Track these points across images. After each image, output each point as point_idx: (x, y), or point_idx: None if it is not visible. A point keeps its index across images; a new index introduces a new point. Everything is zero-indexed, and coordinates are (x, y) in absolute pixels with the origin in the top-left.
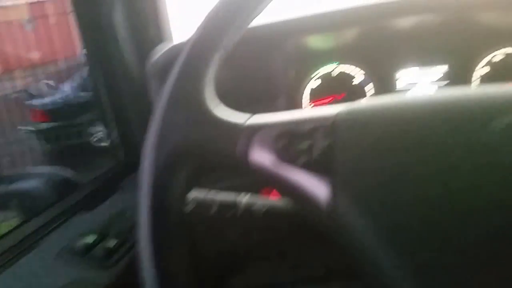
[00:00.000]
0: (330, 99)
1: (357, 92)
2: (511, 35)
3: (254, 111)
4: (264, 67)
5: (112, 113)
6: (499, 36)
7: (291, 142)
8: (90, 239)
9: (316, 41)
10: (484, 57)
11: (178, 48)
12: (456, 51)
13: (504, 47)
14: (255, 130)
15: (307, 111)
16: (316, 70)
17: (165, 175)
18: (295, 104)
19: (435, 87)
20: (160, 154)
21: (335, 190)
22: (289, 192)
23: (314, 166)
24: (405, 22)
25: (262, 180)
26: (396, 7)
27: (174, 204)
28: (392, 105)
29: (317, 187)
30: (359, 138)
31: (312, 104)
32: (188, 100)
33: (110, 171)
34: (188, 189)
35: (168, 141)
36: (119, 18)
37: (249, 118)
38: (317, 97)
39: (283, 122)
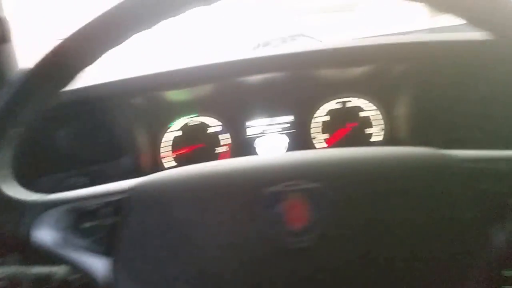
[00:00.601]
0: (190, 148)
1: (214, 142)
2: (343, 87)
3: (96, 173)
4: (108, 126)
5: None
6: (334, 88)
7: (78, 220)
8: None
9: (174, 95)
10: (321, 106)
11: None
12: (299, 103)
13: (339, 98)
14: (40, 208)
15: (97, 188)
16: (173, 122)
17: None
18: (150, 158)
19: (283, 136)
20: None
21: (115, 270)
22: (73, 271)
23: (98, 246)
24: (255, 78)
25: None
26: (246, 65)
27: None
28: (175, 180)
29: (97, 268)
30: (144, 216)
31: (174, 155)
32: None
33: None
34: None
35: None
36: None
37: (44, 196)
38: (179, 147)
39: (70, 199)
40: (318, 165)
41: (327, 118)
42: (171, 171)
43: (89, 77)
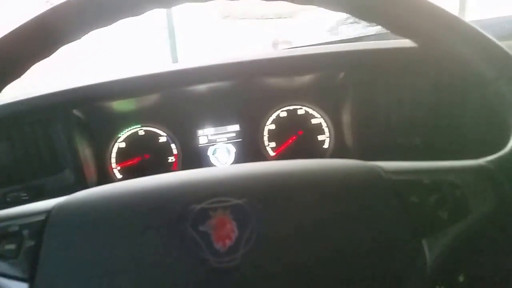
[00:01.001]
0: (135, 160)
1: (161, 152)
2: (290, 95)
3: (36, 188)
4: (49, 138)
5: None
6: (280, 97)
7: None
8: None
9: (119, 105)
10: (270, 115)
11: None
12: (246, 112)
13: (285, 106)
14: None
15: (15, 209)
16: (119, 133)
17: None
18: (94, 171)
19: (231, 145)
20: None
21: None
22: None
23: (16, 270)
24: (201, 87)
25: None
26: (192, 75)
27: None
28: (96, 199)
29: None
30: (64, 239)
31: (119, 167)
32: None
33: None
34: None
35: None
36: None
37: None
38: (124, 159)
39: None
40: (245, 180)
41: (274, 126)
42: (93, 189)
43: (23, 89)
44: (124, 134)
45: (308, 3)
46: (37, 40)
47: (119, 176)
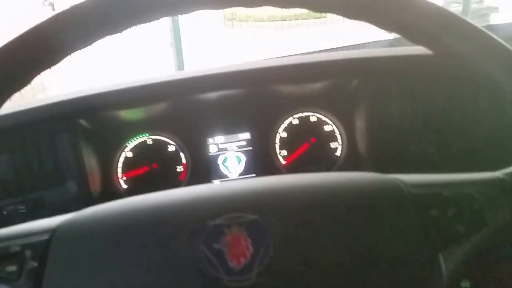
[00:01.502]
0: (142, 170)
1: (169, 162)
2: (302, 102)
3: (37, 201)
4: (52, 149)
5: None
6: (292, 104)
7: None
8: None
9: (126, 114)
10: (282, 123)
11: None
12: (256, 119)
13: (297, 113)
14: None
15: (18, 227)
16: (126, 142)
17: None
18: (99, 183)
19: (242, 153)
20: None
21: None
22: None
23: None
24: (211, 95)
25: None
26: (202, 83)
27: None
28: (104, 217)
29: None
30: (68, 260)
31: (125, 177)
32: None
33: None
34: None
35: None
36: None
37: None
38: (131, 168)
39: None
40: (260, 195)
41: (286, 134)
42: (100, 206)
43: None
44: (132, 143)
45: (326, 11)
46: (43, 48)
47: (124, 186)
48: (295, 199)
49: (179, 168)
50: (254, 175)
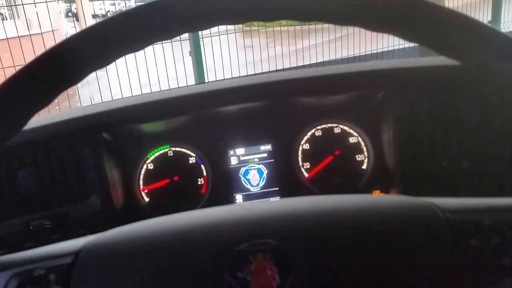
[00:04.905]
0: (163, 182)
1: (190, 174)
2: (325, 113)
3: (62, 215)
4: (75, 163)
5: None
6: (315, 115)
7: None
8: None
9: (146, 126)
10: (305, 134)
11: None
12: (278, 131)
13: (320, 124)
14: None
15: (41, 249)
16: (148, 155)
17: None
18: (122, 196)
19: (264, 166)
20: None
21: None
22: None
23: None
24: (233, 107)
25: None
26: (223, 97)
27: None
28: (126, 240)
29: None
30: (96, 283)
31: (146, 190)
32: None
33: None
34: None
35: None
36: None
37: None
38: (152, 181)
39: (11, 262)
40: (287, 218)
41: (309, 146)
42: (122, 228)
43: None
44: (153, 155)
45: (349, 24)
46: (67, 67)
47: (146, 199)
48: (323, 223)
49: (200, 181)
50: (276, 188)
